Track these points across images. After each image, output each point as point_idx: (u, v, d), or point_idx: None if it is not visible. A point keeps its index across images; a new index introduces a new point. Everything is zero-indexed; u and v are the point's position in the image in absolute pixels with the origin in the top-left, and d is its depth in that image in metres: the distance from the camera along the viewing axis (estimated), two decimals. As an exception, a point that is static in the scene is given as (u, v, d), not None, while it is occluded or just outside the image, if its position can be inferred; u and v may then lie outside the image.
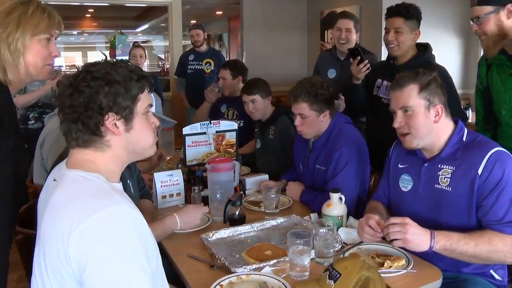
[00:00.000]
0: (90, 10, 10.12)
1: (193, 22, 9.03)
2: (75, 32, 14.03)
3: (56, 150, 2.10)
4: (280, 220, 1.99)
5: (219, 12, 10.42)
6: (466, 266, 1.66)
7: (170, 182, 2.30)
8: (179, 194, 2.32)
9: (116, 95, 1.12)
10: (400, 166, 1.84)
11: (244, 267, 1.54)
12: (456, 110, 2.10)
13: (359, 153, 2.22)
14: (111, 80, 1.12)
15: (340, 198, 1.89)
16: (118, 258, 0.99)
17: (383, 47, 3.41)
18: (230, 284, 1.47)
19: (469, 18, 2.10)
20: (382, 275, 1.39)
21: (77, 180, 1.10)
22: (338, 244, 1.71)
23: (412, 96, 1.67)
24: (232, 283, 1.48)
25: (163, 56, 15.82)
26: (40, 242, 1.09)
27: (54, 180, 1.16)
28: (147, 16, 10.60)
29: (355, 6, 5.26)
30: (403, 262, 1.58)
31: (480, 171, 1.60)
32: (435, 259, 1.60)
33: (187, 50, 5.54)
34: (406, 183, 1.81)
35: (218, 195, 2.11)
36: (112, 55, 8.67)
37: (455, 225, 1.63)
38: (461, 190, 1.64)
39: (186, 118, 5.10)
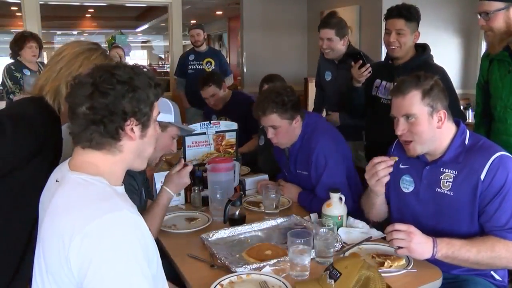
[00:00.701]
0: (90, 10, 10.11)
1: (193, 22, 9.03)
2: (75, 32, 14.01)
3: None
4: (280, 220, 1.99)
5: (219, 12, 10.41)
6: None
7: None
8: (179, 194, 2.31)
9: (139, 101, 1.12)
10: (401, 166, 1.82)
11: (244, 266, 1.54)
12: (455, 111, 2.10)
13: (334, 142, 2.21)
14: (136, 86, 1.11)
15: (340, 198, 1.89)
16: (120, 263, 0.99)
17: (382, 47, 3.41)
18: (230, 283, 1.47)
19: (469, 18, 2.10)
20: (383, 274, 1.39)
21: (79, 184, 1.09)
22: (338, 244, 1.71)
23: (415, 104, 1.63)
24: (233, 282, 1.48)
25: (163, 56, 15.84)
26: (40, 242, 1.09)
27: (57, 181, 1.16)
28: (147, 16, 10.60)
29: (355, 6, 5.24)
30: (403, 262, 1.58)
31: (482, 177, 1.57)
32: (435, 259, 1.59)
33: (187, 50, 5.53)
34: (408, 184, 1.80)
35: (218, 195, 2.11)
36: (111, 55, 8.59)
37: (457, 230, 1.62)
38: (463, 195, 1.62)
39: (186, 118, 5.10)
